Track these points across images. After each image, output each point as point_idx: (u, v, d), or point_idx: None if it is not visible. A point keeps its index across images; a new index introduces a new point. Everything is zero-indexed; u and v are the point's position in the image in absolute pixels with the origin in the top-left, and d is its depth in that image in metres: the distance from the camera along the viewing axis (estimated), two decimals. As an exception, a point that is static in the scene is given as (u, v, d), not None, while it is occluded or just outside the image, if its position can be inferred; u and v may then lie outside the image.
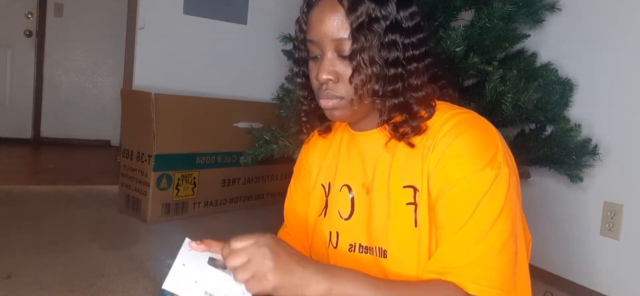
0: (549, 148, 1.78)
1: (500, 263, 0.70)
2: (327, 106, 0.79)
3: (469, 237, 0.70)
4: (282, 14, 3.06)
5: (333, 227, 0.88)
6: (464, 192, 0.71)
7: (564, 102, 1.90)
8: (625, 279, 1.87)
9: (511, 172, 0.73)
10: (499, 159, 0.72)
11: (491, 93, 1.69)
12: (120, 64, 4.19)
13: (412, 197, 0.76)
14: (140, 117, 2.45)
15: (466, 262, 0.69)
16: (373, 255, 0.81)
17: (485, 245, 0.69)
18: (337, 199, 0.88)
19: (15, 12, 4.44)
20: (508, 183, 0.72)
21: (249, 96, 3.06)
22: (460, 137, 0.73)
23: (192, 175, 2.56)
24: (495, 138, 0.75)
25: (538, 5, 1.90)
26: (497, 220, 0.70)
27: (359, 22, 0.73)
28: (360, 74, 0.74)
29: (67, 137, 4.67)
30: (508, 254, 0.70)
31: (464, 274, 0.69)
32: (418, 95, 0.78)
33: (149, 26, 2.97)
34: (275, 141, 2.08)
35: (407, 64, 0.76)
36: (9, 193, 2.72)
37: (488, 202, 0.70)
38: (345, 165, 0.88)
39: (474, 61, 1.67)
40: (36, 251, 1.89)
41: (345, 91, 0.77)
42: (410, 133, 0.77)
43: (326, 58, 0.76)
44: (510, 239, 0.71)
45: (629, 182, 1.85)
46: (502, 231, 0.70)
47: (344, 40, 0.75)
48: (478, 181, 0.71)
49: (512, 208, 0.72)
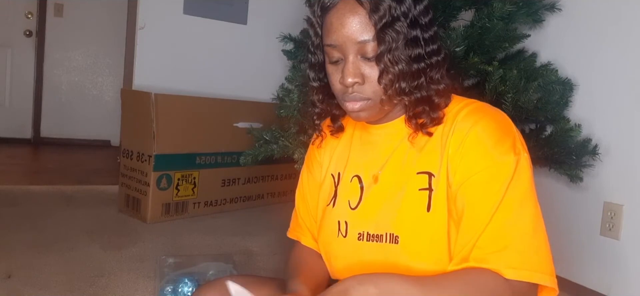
0: (549, 148, 1.78)
1: (536, 246, 0.70)
2: (355, 108, 0.79)
3: (501, 223, 0.70)
4: (282, 14, 3.06)
5: (342, 216, 0.88)
6: (490, 178, 0.72)
7: (564, 102, 1.90)
8: (625, 279, 1.86)
9: (529, 156, 0.75)
10: (518, 145, 0.74)
11: (491, 93, 1.69)
12: (120, 64, 4.20)
13: (427, 183, 0.77)
14: (140, 117, 2.45)
15: (501, 247, 0.69)
16: (383, 242, 0.81)
17: (518, 229, 0.70)
18: (347, 189, 0.88)
19: (15, 12, 4.44)
20: (530, 167, 0.74)
21: (249, 96, 3.06)
22: (478, 124, 0.74)
23: (192, 175, 2.56)
24: (511, 125, 0.76)
25: (538, 5, 1.91)
26: (525, 204, 0.71)
27: (383, 22, 0.73)
28: (388, 74, 0.74)
29: (67, 137, 4.67)
30: (541, 235, 0.72)
31: (501, 260, 0.69)
32: (439, 87, 0.79)
33: (149, 26, 2.97)
34: (275, 141, 2.08)
35: (428, 58, 0.77)
36: (9, 193, 2.71)
37: (515, 187, 0.71)
38: (357, 156, 0.89)
39: (474, 61, 1.67)
40: (36, 251, 1.89)
41: (372, 92, 0.77)
42: (429, 124, 0.78)
43: (349, 62, 0.76)
44: (540, 221, 0.72)
45: (629, 182, 1.85)
46: (532, 214, 0.72)
47: (368, 42, 0.74)
48: (503, 166, 0.72)
49: (534, 191, 0.74)
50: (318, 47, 0.82)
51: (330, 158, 0.94)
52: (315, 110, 0.90)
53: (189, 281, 1.55)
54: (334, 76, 0.80)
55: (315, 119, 0.92)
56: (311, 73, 0.87)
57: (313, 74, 0.87)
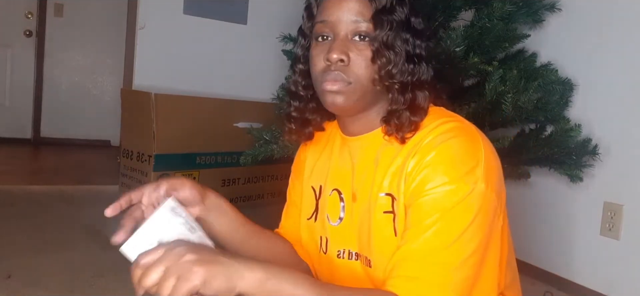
0: (549, 148, 1.78)
1: (451, 281, 0.66)
2: (333, 89, 0.74)
3: (423, 249, 0.67)
4: (282, 14, 3.06)
5: (323, 232, 0.87)
6: (431, 202, 0.68)
7: (564, 102, 1.90)
8: (625, 279, 1.86)
9: (489, 189, 0.69)
10: (477, 174, 0.69)
11: (491, 93, 1.69)
12: (120, 64, 4.19)
13: (390, 206, 0.75)
14: (140, 117, 2.45)
15: (412, 275, 0.66)
16: (360, 261, 0.80)
17: (441, 259, 0.66)
18: (327, 203, 0.86)
19: (15, 12, 4.44)
20: (482, 201, 0.68)
21: (249, 96, 3.06)
22: (440, 146, 0.71)
23: (192, 175, 2.56)
24: (478, 151, 0.71)
25: (538, 5, 1.90)
26: (461, 236, 0.67)
27: (382, 5, 0.74)
28: (382, 56, 0.73)
29: (67, 137, 4.67)
30: (465, 272, 0.67)
31: (406, 286, 0.66)
32: (423, 94, 0.77)
33: (149, 26, 2.96)
34: (275, 141, 2.08)
35: (418, 62, 0.77)
36: (9, 193, 2.71)
37: (454, 217, 0.67)
38: (336, 169, 0.86)
39: (474, 61, 1.67)
40: (36, 251, 1.89)
41: (355, 76, 0.74)
42: (405, 127, 0.75)
43: (339, 38, 0.75)
44: (473, 258, 0.67)
45: (629, 182, 1.85)
46: (464, 248, 0.67)
47: (363, 22, 0.74)
48: (448, 193, 0.68)
49: (483, 226, 0.68)
50: (310, 28, 0.81)
51: (311, 169, 0.92)
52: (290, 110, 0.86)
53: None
54: (317, 57, 0.77)
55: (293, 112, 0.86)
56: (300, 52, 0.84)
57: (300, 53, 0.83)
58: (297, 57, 0.84)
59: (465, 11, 1.84)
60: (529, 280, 2.05)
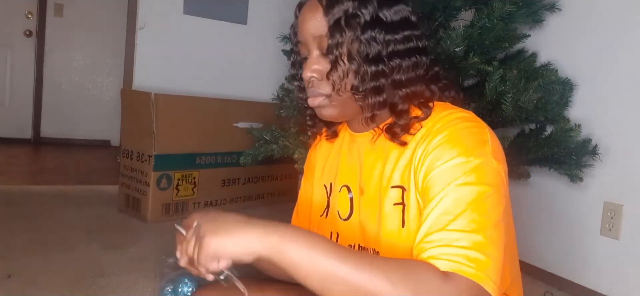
0: (549, 148, 1.78)
1: (481, 245, 0.64)
2: (314, 104, 0.79)
3: (445, 214, 0.65)
4: (282, 14, 3.06)
5: (334, 228, 0.88)
6: (445, 171, 0.68)
7: (564, 102, 1.90)
8: (625, 279, 1.86)
9: (500, 165, 0.70)
10: (487, 151, 0.69)
11: (491, 93, 1.69)
12: (120, 64, 4.19)
13: (400, 197, 0.76)
14: (140, 117, 2.45)
15: (438, 239, 0.64)
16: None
17: (462, 223, 0.65)
18: (338, 200, 0.88)
19: (15, 12, 4.44)
20: (495, 172, 0.68)
21: (249, 96, 3.07)
22: (449, 129, 0.71)
23: (192, 175, 2.56)
24: (485, 135, 0.72)
25: (538, 5, 1.91)
26: (482, 202, 0.65)
27: (336, 18, 0.74)
28: (337, 69, 0.74)
29: (67, 137, 4.67)
30: (493, 239, 0.65)
31: (435, 251, 0.64)
32: (403, 92, 0.76)
33: (149, 26, 2.97)
34: (275, 141, 2.09)
35: (389, 60, 0.74)
36: (9, 193, 2.71)
37: (470, 183, 0.66)
38: (345, 166, 0.88)
39: (474, 61, 1.67)
40: (36, 251, 1.89)
41: (329, 88, 0.76)
42: (400, 133, 0.76)
43: (312, 57, 0.77)
44: (492, 223, 0.66)
45: (629, 182, 1.85)
46: (485, 213, 0.65)
47: (323, 37, 0.75)
48: (462, 163, 0.67)
49: (499, 195, 0.68)
50: (296, 45, 0.83)
51: (322, 167, 0.94)
52: (308, 112, 0.90)
53: (189, 281, 1.55)
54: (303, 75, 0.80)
55: (308, 120, 0.91)
56: (293, 71, 0.88)
57: (294, 72, 0.88)
58: (293, 75, 0.88)
59: (465, 11, 1.84)
60: (529, 279, 2.05)
